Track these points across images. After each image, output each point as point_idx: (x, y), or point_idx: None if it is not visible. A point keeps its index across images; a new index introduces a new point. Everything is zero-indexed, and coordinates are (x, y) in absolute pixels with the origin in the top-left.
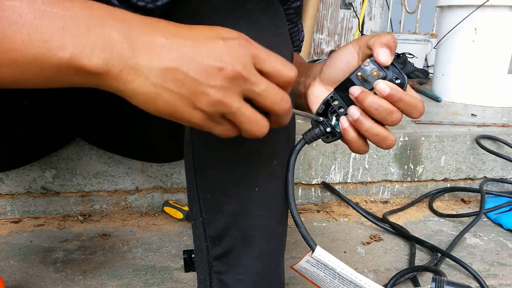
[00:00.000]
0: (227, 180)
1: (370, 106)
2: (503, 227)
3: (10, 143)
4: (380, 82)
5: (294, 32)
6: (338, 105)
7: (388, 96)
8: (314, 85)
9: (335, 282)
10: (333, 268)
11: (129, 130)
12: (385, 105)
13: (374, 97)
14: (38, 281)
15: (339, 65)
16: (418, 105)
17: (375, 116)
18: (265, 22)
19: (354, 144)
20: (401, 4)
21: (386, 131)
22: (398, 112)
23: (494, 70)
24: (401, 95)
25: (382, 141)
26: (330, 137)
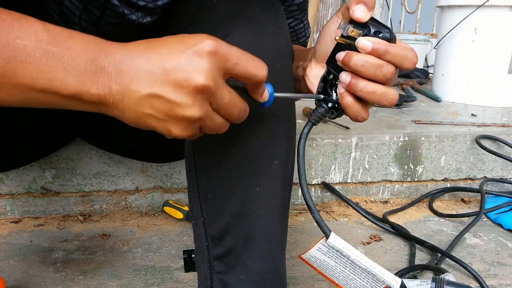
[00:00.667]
0: (228, 180)
1: (356, 64)
2: (503, 227)
3: (10, 143)
4: (362, 39)
5: (299, 28)
6: (333, 78)
7: (372, 51)
8: (310, 66)
9: (345, 272)
10: (347, 256)
11: (129, 130)
12: (371, 60)
13: (359, 55)
14: (38, 281)
15: (328, 38)
16: (408, 54)
17: (365, 74)
18: (265, 22)
19: (352, 108)
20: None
21: (384, 87)
22: (388, 65)
23: (494, 70)
24: (386, 47)
25: (382, 97)
26: (334, 112)
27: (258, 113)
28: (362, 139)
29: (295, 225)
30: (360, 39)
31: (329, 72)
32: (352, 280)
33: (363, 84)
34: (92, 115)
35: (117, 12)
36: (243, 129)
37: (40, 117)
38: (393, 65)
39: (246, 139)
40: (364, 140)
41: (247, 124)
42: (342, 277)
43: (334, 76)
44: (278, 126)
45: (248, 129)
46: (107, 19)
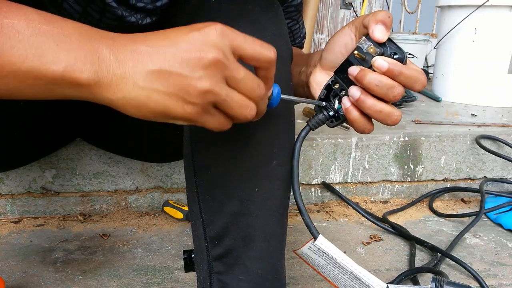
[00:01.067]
0: (227, 181)
1: (370, 83)
2: (503, 227)
3: (10, 143)
4: (378, 59)
5: (295, 29)
6: (339, 88)
7: (387, 71)
8: (315, 72)
9: (335, 271)
10: (333, 258)
11: (129, 130)
12: (385, 81)
13: (373, 73)
14: (38, 281)
15: (337, 49)
16: (419, 77)
17: (376, 93)
18: (265, 22)
19: (358, 123)
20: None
21: (390, 107)
22: (399, 87)
23: (494, 70)
24: (400, 69)
25: (387, 117)
26: (334, 121)
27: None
28: (362, 139)
29: (294, 225)
30: (377, 58)
31: (334, 81)
32: (342, 279)
33: (372, 102)
34: (92, 115)
35: (116, 14)
36: (242, 129)
37: (40, 117)
38: (404, 87)
39: (245, 139)
40: (364, 140)
41: (246, 124)
42: (333, 275)
43: (340, 87)
44: (277, 126)
45: (247, 130)
46: (107, 21)
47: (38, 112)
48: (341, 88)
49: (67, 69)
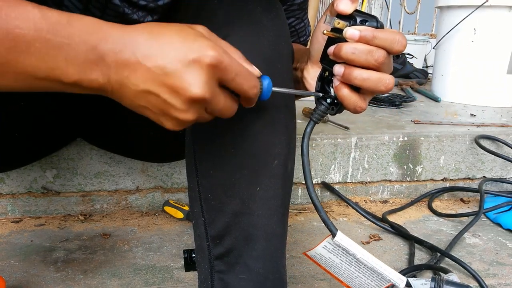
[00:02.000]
0: (229, 180)
1: (347, 53)
2: (502, 226)
3: (11, 143)
4: (349, 29)
5: (300, 27)
6: (329, 74)
7: (360, 39)
8: (307, 68)
9: (350, 269)
10: (353, 254)
11: (129, 130)
12: (360, 47)
13: (348, 44)
14: (39, 280)
15: (320, 38)
16: (396, 37)
17: (357, 62)
18: (266, 23)
19: (349, 100)
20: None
21: (379, 73)
22: (378, 50)
23: (493, 70)
24: (373, 33)
25: (378, 83)
26: (334, 108)
27: (259, 114)
28: (362, 139)
29: (295, 224)
30: (347, 29)
31: (324, 70)
32: (357, 277)
33: (357, 72)
34: (92, 115)
35: (118, 12)
36: (244, 129)
37: (41, 117)
38: (384, 50)
39: (247, 139)
40: (364, 140)
41: (247, 124)
42: (347, 274)
43: (329, 73)
44: (279, 126)
45: (248, 129)
46: (108, 19)
47: (39, 112)
48: (330, 73)
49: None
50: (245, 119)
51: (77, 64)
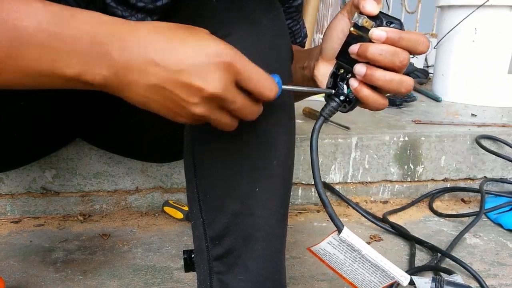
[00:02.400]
0: (227, 180)
1: (373, 53)
2: (503, 227)
3: (10, 143)
4: (375, 30)
5: (296, 29)
6: (344, 72)
7: (387, 40)
8: (318, 65)
9: (354, 266)
10: (358, 250)
11: (129, 130)
12: (387, 48)
13: (374, 45)
14: (38, 281)
15: (335, 36)
16: (421, 39)
17: (382, 63)
18: (265, 23)
19: (371, 100)
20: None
21: (399, 75)
22: (403, 52)
23: (494, 70)
24: (399, 34)
25: (399, 85)
26: (347, 106)
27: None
28: (362, 139)
29: (295, 225)
30: (374, 30)
31: (339, 67)
32: (360, 274)
33: (380, 73)
34: (92, 115)
35: (116, 15)
36: (243, 129)
37: (40, 117)
38: (408, 51)
39: (246, 139)
40: (364, 140)
41: (247, 124)
42: (350, 270)
43: (345, 70)
44: (278, 126)
45: (247, 130)
46: None
47: (38, 112)
48: (346, 71)
49: (80, 74)
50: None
51: (81, 56)
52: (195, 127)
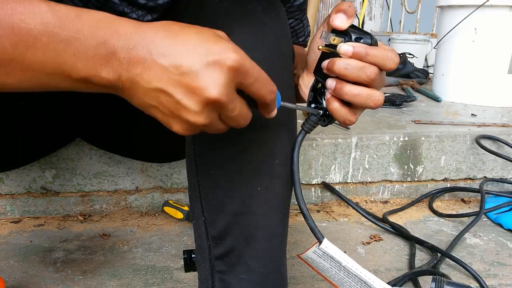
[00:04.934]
0: (229, 180)
1: (339, 68)
2: (503, 227)
3: (10, 143)
4: (343, 45)
5: (299, 28)
6: (321, 86)
7: (353, 55)
8: (303, 76)
9: (340, 275)
10: (338, 262)
11: (129, 130)
12: (352, 63)
13: (341, 59)
14: (38, 281)
15: (316, 50)
16: (388, 54)
17: (349, 77)
18: (267, 22)
19: (338, 113)
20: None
21: (369, 90)
22: (370, 66)
23: (494, 70)
24: (366, 50)
25: (367, 99)
26: (326, 119)
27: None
28: (362, 139)
29: (295, 225)
30: (341, 45)
31: (317, 81)
32: (347, 282)
33: (348, 88)
34: (92, 115)
35: (117, 10)
36: (244, 129)
37: (40, 117)
38: (376, 66)
39: (247, 139)
40: (364, 140)
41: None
42: (338, 279)
43: (322, 85)
44: (279, 126)
45: (249, 129)
46: None
47: (38, 112)
48: (323, 85)
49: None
50: None
51: (87, 59)
52: None
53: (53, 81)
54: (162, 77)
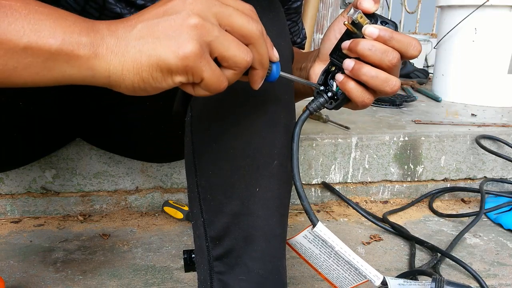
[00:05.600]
0: (228, 180)
1: (363, 48)
2: (503, 227)
3: (10, 143)
4: (369, 26)
5: (295, 30)
6: (335, 69)
7: (378, 37)
8: (314, 66)
9: (329, 262)
10: (331, 246)
11: (129, 129)
12: (377, 45)
13: (366, 40)
14: (38, 281)
15: (333, 37)
16: (413, 42)
17: (370, 59)
18: (266, 22)
19: (355, 93)
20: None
21: (386, 74)
22: (393, 51)
23: (494, 70)
24: (391, 34)
25: (384, 83)
26: (333, 102)
27: (259, 114)
28: (362, 139)
29: (295, 225)
30: (367, 26)
31: (331, 65)
32: (335, 270)
33: (367, 68)
34: (92, 115)
35: (115, 12)
36: (243, 129)
37: (40, 117)
38: (398, 52)
39: (246, 140)
40: (364, 140)
41: (247, 124)
42: (326, 266)
43: (336, 67)
44: (278, 126)
45: (248, 130)
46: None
47: (38, 112)
48: (338, 68)
49: (64, 42)
50: (245, 119)
51: (65, 26)
52: (196, 127)
53: (28, 58)
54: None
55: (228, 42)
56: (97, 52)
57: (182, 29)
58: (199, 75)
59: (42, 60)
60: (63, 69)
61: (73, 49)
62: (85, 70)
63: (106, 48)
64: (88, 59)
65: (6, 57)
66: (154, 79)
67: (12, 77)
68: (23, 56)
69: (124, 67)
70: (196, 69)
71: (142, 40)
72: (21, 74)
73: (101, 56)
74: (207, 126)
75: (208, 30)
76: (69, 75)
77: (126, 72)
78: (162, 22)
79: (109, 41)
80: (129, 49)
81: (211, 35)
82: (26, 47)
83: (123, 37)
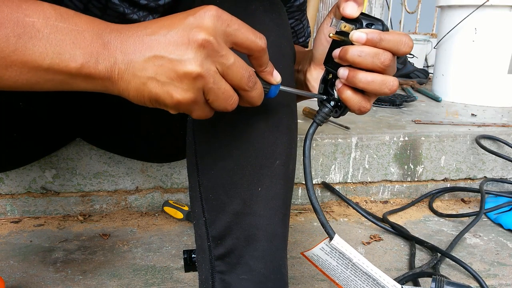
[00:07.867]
0: (230, 180)
1: (353, 56)
2: (503, 227)
3: (10, 143)
4: (355, 32)
5: (299, 29)
6: (332, 77)
7: (367, 42)
8: (310, 70)
9: (346, 273)
10: (349, 258)
11: (129, 130)
12: (366, 50)
13: (354, 47)
14: (38, 281)
15: (323, 40)
16: (403, 39)
17: (363, 65)
18: (268, 23)
19: (352, 101)
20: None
21: (383, 76)
22: (384, 52)
23: (494, 70)
24: (379, 35)
25: (382, 85)
26: (338, 111)
27: (261, 114)
28: (362, 139)
29: (295, 225)
30: (354, 32)
31: (328, 72)
32: (352, 281)
33: (362, 75)
34: (92, 115)
35: (118, 11)
36: (246, 129)
37: (40, 117)
38: (390, 52)
39: (249, 139)
40: (364, 140)
41: (249, 124)
42: (343, 277)
43: (333, 75)
44: (280, 126)
45: (250, 129)
46: (108, 19)
47: (38, 112)
48: (334, 76)
49: (83, 66)
50: (247, 119)
51: (84, 47)
52: (197, 126)
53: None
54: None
55: (219, 91)
56: (110, 76)
57: (183, 79)
58: (190, 113)
59: (63, 78)
60: (81, 85)
61: (90, 72)
62: (99, 87)
63: (117, 74)
64: (103, 80)
65: (30, 74)
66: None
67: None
68: (45, 74)
69: (130, 92)
70: (187, 110)
71: (146, 74)
72: (41, 87)
73: (113, 80)
74: (209, 126)
75: (204, 78)
76: (84, 88)
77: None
78: (166, 61)
79: (120, 67)
80: (135, 80)
81: (207, 83)
82: (49, 68)
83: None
